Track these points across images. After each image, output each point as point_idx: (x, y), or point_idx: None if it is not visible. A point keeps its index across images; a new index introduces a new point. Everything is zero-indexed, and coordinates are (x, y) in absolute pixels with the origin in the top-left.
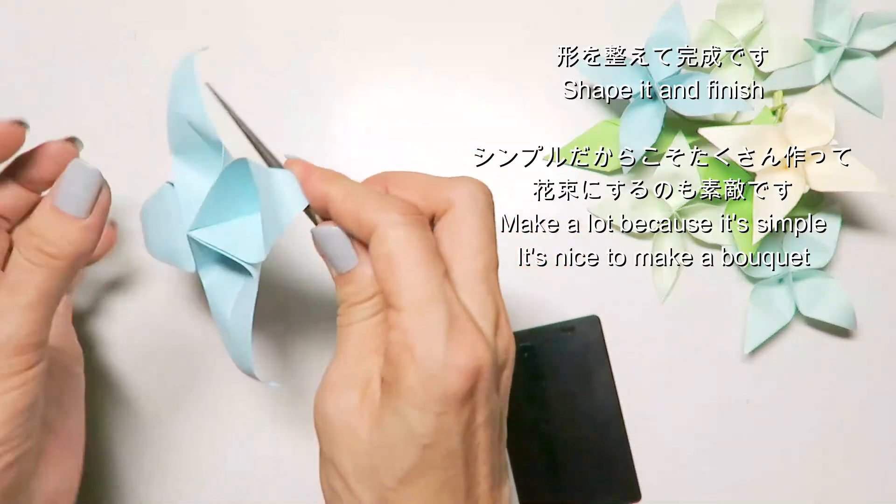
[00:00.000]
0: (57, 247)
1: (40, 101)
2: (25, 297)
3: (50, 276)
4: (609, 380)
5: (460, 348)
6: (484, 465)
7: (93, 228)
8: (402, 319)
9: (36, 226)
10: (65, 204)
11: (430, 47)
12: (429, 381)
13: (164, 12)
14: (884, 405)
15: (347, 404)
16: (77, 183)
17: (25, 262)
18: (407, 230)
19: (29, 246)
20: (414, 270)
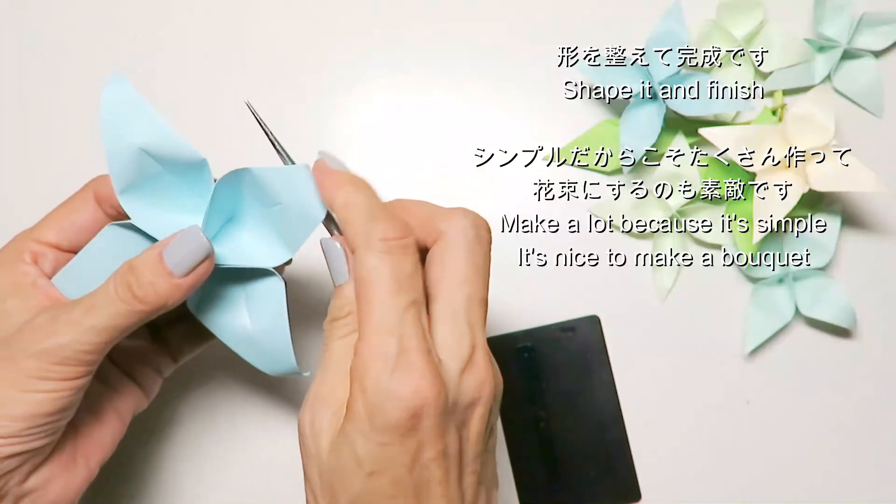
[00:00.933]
0: (145, 291)
1: (40, 102)
2: (97, 320)
3: (126, 313)
4: (609, 380)
5: (403, 383)
6: (442, 500)
7: (182, 288)
8: (359, 346)
9: (138, 265)
10: (170, 258)
11: (431, 48)
12: (373, 410)
13: (164, 12)
14: (884, 405)
15: (319, 424)
16: (189, 245)
17: (114, 291)
18: (382, 257)
19: (123, 279)
20: (378, 299)
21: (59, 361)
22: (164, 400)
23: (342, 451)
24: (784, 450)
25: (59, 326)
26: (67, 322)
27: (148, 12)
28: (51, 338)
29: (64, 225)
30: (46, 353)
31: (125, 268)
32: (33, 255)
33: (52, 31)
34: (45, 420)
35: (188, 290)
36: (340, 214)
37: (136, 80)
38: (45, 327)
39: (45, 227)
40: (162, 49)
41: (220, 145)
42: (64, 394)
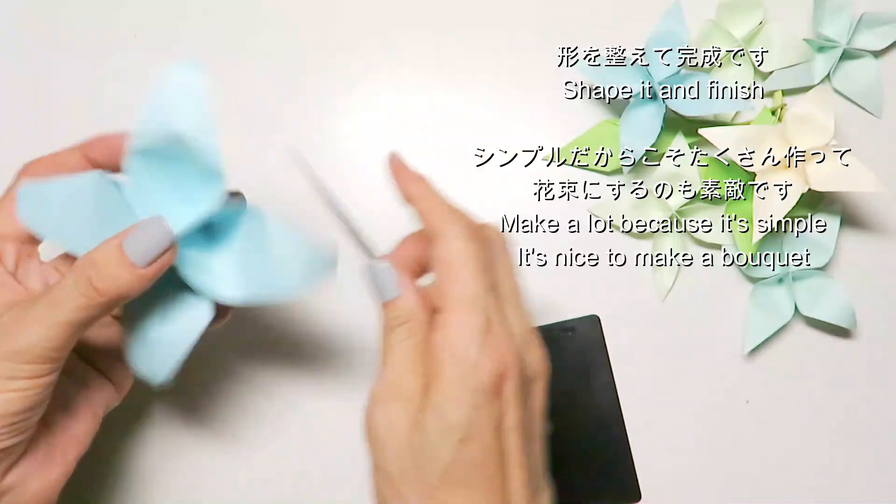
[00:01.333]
0: (105, 284)
1: (40, 101)
2: (59, 315)
3: (88, 306)
4: (609, 380)
5: (491, 351)
6: (520, 470)
7: (144, 279)
8: (447, 320)
9: (97, 258)
10: (131, 249)
11: (431, 48)
12: (464, 375)
13: (164, 12)
14: (883, 405)
15: (393, 414)
16: (150, 235)
17: (73, 285)
18: (466, 243)
19: (82, 273)
20: (465, 279)
21: (28, 360)
22: (144, 397)
23: (430, 426)
24: (784, 449)
25: (25, 325)
26: (33, 319)
27: (148, 12)
28: (17, 337)
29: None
30: (15, 353)
31: (85, 261)
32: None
33: (52, 30)
34: (16, 419)
35: (151, 280)
36: (419, 204)
37: (135, 80)
38: (11, 327)
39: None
40: (162, 49)
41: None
42: (34, 391)
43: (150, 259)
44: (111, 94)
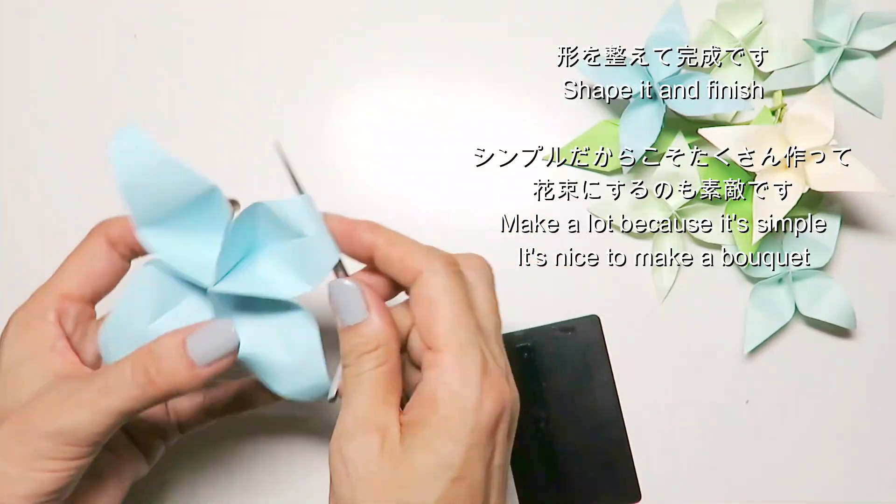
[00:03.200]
0: (163, 378)
1: (40, 101)
2: (111, 403)
3: (141, 397)
4: (609, 380)
5: (490, 389)
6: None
7: (200, 378)
8: (441, 359)
9: (159, 352)
10: (194, 347)
11: (431, 48)
12: (464, 415)
13: (164, 12)
14: (884, 405)
15: (369, 448)
16: (216, 339)
17: (130, 375)
18: (450, 279)
19: (141, 363)
20: (454, 315)
21: (69, 443)
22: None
23: (420, 462)
24: (784, 449)
25: (73, 407)
26: (81, 403)
27: (148, 12)
28: (63, 418)
29: (84, 274)
30: (58, 434)
31: (145, 352)
32: (57, 312)
33: (52, 30)
34: (46, 498)
35: (206, 381)
36: (388, 250)
37: (136, 80)
38: (57, 405)
39: (66, 279)
40: (162, 49)
41: (219, 145)
42: (69, 473)
43: (211, 361)
44: (111, 95)
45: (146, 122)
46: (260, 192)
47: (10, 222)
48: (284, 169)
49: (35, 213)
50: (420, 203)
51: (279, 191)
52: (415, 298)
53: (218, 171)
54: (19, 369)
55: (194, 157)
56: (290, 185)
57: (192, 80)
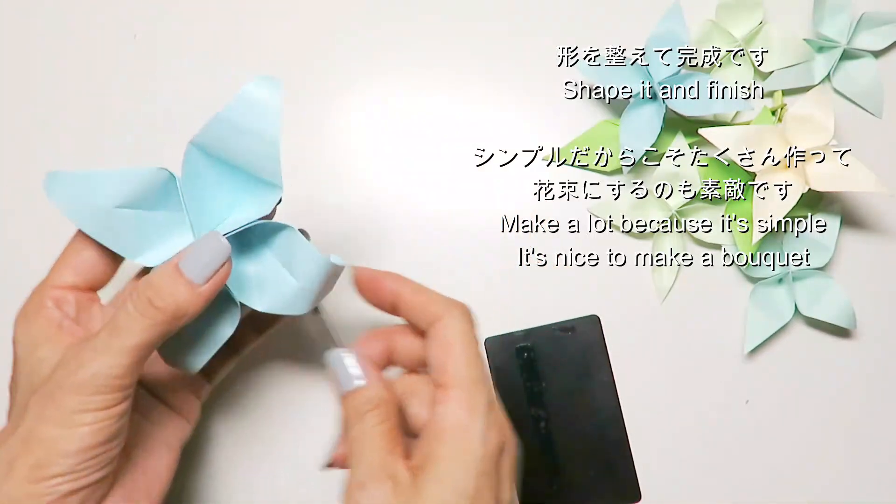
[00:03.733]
0: (165, 303)
1: (40, 101)
2: (122, 341)
3: (151, 327)
4: (609, 380)
5: (494, 424)
6: None
7: (203, 296)
8: (451, 395)
9: (155, 280)
10: (188, 267)
11: (431, 48)
12: (472, 446)
13: (164, 12)
14: (884, 405)
15: (383, 495)
16: (207, 252)
17: (133, 309)
18: (465, 325)
19: (142, 296)
20: (469, 358)
21: (95, 391)
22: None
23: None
24: (783, 449)
25: (88, 357)
26: (95, 351)
27: (148, 12)
28: (81, 370)
29: (76, 264)
30: (82, 385)
31: (143, 285)
32: (55, 300)
33: (52, 30)
34: (95, 452)
35: (209, 297)
36: (412, 297)
37: (136, 80)
38: (73, 361)
39: (60, 271)
40: (162, 49)
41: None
42: (108, 423)
43: (208, 275)
44: (111, 95)
45: (146, 122)
46: None
47: (10, 222)
48: None
49: (35, 213)
50: (420, 203)
51: None
52: (432, 339)
53: None
54: (36, 354)
55: None
56: None
57: (192, 80)
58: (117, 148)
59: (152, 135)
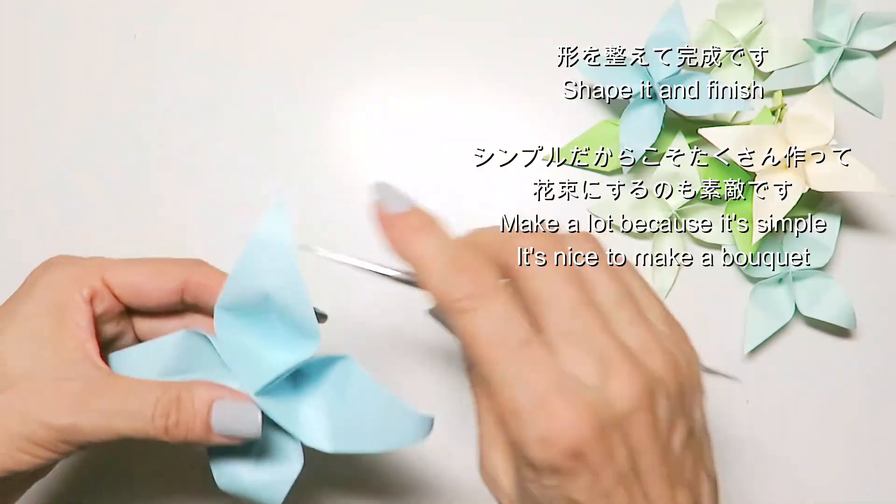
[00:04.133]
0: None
1: (40, 101)
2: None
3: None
4: None
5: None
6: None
7: (209, 442)
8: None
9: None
10: (219, 415)
11: (431, 47)
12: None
13: (164, 12)
14: (884, 405)
15: (494, 465)
16: (243, 420)
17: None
18: (470, 317)
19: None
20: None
21: (66, 440)
22: None
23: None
24: (784, 449)
25: (86, 411)
26: (95, 411)
27: (148, 12)
28: (72, 417)
29: (137, 283)
30: (61, 430)
31: (174, 397)
32: (92, 291)
33: (52, 30)
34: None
35: (214, 443)
36: (417, 271)
37: (136, 80)
38: (71, 404)
39: (120, 274)
40: (162, 49)
41: (220, 145)
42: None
43: (227, 434)
44: (111, 95)
45: (145, 122)
46: (258, 192)
47: (10, 222)
48: None
49: (35, 213)
50: (420, 203)
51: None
52: None
53: (218, 170)
54: (36, 321)
55: (194, 157)
56: None
57: (192, 80)
58: (115, 147)
59: (152, 135)
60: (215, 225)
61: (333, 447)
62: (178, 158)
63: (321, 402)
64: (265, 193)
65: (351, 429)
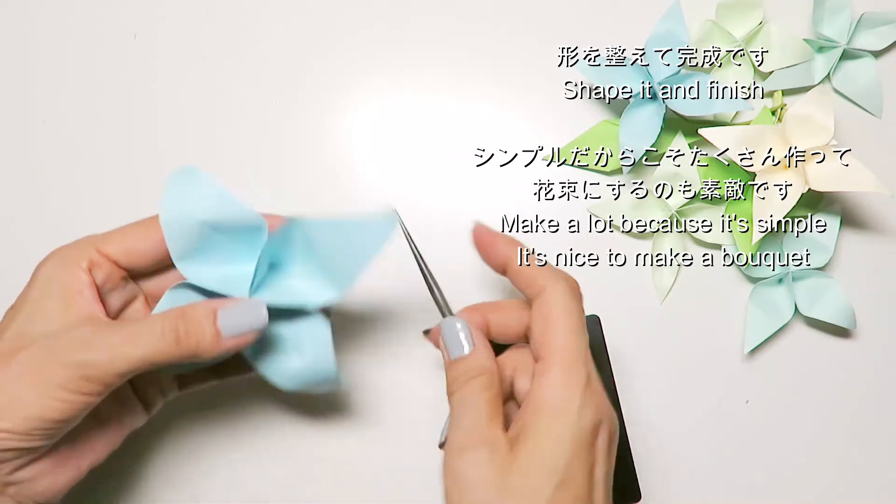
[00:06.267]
0: (189, 340)
1: (40, 101)
2: (134, 350)
3: (164, 352)
4: (609, 380)
5: (591, 401)
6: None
7: (223, 348)
8: (553, 369)
9: (191, 314)
10: (224, 319)
11: (431, 47)
12: (567, 420)
13: (164, 12)
14: (884, 405)
15: (480, 460)
16: (247, 316)
17: (159, 329)
18: (568, 299)
19: (173, 322)
20: (569, 332)
21: (85, 377)
22: None
23: (526, 468)
24: (783, 449)
25: (98, 345)
26: (107, 343)
27: (148, 12)
28: (86, 353)
29: (128, 246)
30: (79, 366)
31: (178, 312)
32: (90, 262)
33: (53, 30)
34: (50, 425)
35: (228, 352)
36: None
37: (136, 80)
38: (83, 341)
39: (112, 241)
40: (162, 49)
41: (219, 145)
42: (76, 406)
43: (236, 335)
44: (111, 94)
45: (145, 122)
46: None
47: (10, 222)
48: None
49: (35, 213)
50: (420, 203)
51: (277, 189)
52: (536, 311)
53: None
54: (47, 302)
55: (193, 158)
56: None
57: (192, 80)
58: (115, 147)
59: (152, 135)
60: None
61: (339, 291)
62: (177, 158)
63: (301, 266)
64: (264, 193)
65: (339, 267)
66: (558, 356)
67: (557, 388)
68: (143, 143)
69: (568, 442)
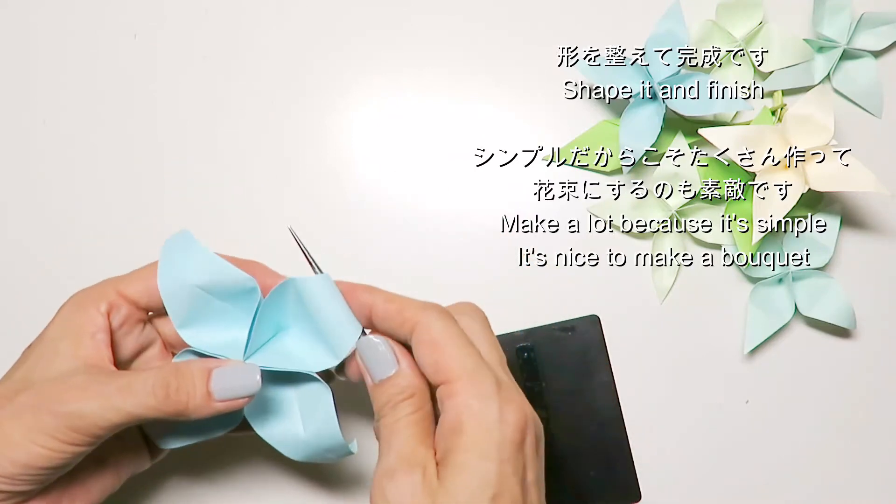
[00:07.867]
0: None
1: (40, 101)
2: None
3: (153, 408)
4: (609, 380)
5: (509, 402)
6: None
7: (213, 410)
8: (458, 387)
9: (184, 373)
10: (216, 381)
11: (431, 48)
12: (488, 432)
13: (164, 12)
14: (883, 405)
15: (411, 485)
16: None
17: (150, 385)
18: (445, 321)
19: (164, 380)
20: (459, 349)
21: (73, 427)
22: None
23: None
24: (783, 449)
25: (89, 395)
26: (97, 394)
27: (148, 12)
28: (77, 402)
29: (150, 285)
30: (67, 416)
31: (172, 367)
32: (109, 305)
33: (53, 30)
34: (37, 472)
35: (217, 413)
36: (386, 307)
37: (136, 80)
38: (75, 390)
39: (132, 282)
40: (162, 49)
41: (219, 145)
42: (63, 455)
43: (228, 399)
44: (111, 94)
45: (145, 122)
46: (258, 192)
47: (10, 222)
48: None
49: (35, 213)
50: (420, 203)
51: (278, 189)
52: (417, 345)
53: (217, 170)
54: (60, 344)
55: (193, 158)
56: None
57: (191, 80)
58: (117, 148)
59: (152, 135)
60: (215, 224)
61: (336, 357)
62: (177, 159)
63: (298, 329)
64: (264, 193)
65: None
66: (458, 373)
67: (469, 403)
68: (143, 143)
69: (494, 453)
